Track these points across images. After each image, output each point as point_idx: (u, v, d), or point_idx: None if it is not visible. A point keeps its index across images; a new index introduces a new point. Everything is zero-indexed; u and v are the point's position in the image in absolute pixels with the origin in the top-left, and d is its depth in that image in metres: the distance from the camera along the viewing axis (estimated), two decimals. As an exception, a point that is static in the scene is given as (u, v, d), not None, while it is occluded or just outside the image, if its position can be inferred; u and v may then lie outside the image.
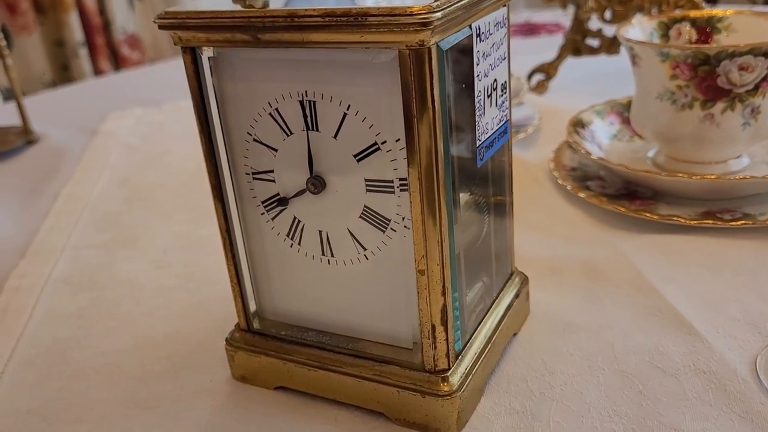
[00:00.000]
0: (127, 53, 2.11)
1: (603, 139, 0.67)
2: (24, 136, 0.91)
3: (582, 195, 0.60)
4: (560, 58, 0.89)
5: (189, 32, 0.36)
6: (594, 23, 0.87)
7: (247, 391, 0.44)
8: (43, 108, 1.06)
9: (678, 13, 0.65)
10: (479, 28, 0.36)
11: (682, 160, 0.61)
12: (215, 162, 0.40)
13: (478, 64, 0.36)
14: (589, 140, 0.66)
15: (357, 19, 0.31)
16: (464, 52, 0.36)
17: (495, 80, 0.39)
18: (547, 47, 0.97)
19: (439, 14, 0.31)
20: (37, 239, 0.66)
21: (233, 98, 0.38)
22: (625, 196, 0.60)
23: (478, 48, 0.36)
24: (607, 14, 0.83)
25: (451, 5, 0.32)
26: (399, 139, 0.35)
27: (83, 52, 2.04)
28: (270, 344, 0.43)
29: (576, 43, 0.88)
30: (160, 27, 0.36)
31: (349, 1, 0.33)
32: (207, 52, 0.37)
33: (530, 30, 1.26)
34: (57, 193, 0.75)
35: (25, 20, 1.99)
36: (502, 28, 0.39)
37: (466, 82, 0.36)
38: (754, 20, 0.62)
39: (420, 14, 0.30)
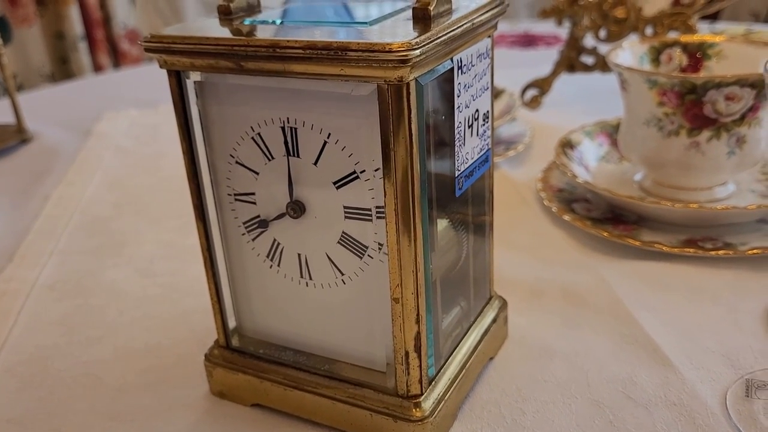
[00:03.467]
0: (127, 48, 2.11)
1: (590, 161, 0.68)
2: (18, 135, 0.91)
3: (567, 217, 0.60)
4: (555, 74, 0.89)
5: (174, 56, 0.36)
6: (589, 40, 0.87)
7: (224, 407, 0.44)
8: (38, 105, 1.06)
9: (669, 38, 0.66)
10: (461, 61, 0.36)
11: (668, 185, 0.61)
12: (198, 182, 0.40)
13: (458, 96, 0.37)
14: (577, 161, 0.67)
15: (337, 53, 0.32)
16: (446, 82, 0.36)
17: (477, 110, 0.39)
18: (544, 60, 0.97)
19: (417, 51, 0.31)
20: (25, 242, 0.66)
21: (217, 121, 0.39)
22: (609, 219, 0.60)
23: (459, 80, 0.37)
24: (602, 33, 0.84)
25: (431, 41, 0.32)
26: (377, 169, 0.35)
27: (83, 46, 2.04)
28: (248, 362, 0.43)
29: (571, 60, 0.89)
30: (146, 50, 0.36)
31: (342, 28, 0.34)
32: (194, 76, 0.38)
33: (528, 41, 1.27)
34: (48, 195, 0.76)
35: (26, 12, 1.99)
36: (485, 59, 0.40)
37: (447, 112, 0.37)
38: (744, 49, 0.62)
39: (399, 51, 0.31)
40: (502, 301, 0.48)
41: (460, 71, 0.37)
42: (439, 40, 0.33)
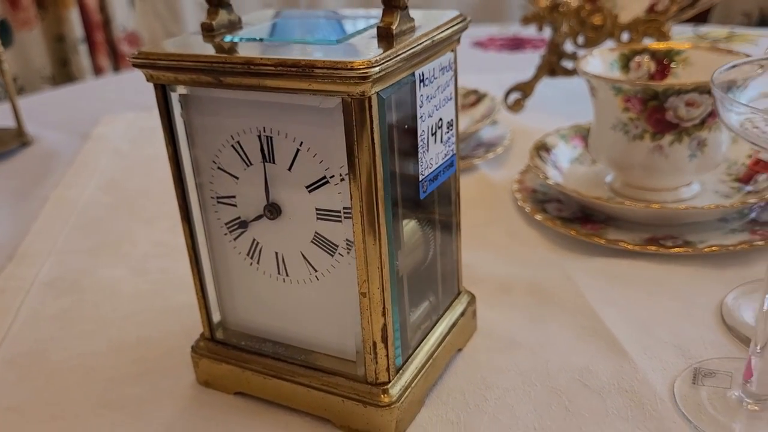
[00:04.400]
0: (127, 50, 2.14)
1: (564, 163, 0.71)
2: (18, 139, 0.95)
3: (539, 217, 0.63)
4: (536, 78, 0.92)
5: (159, 72, 0.39)
6: (570, 46, 0.90)
7: (209, 396, 0.47)
8: (38, 109, 1.10)
9: (639, 45, 0.69)
10: (423, 74, 0.40)
11: (636, 186, 0.64)
12: (183, 186, 0.43)
13: (421, 106, 0.40)
14: (552, 164, 0.70)
15: (305, 70, 0.35)
16: (410, 93, 0.39)
17: (440, 119, 0.43)
18: (532, 63, 1.00)
19: (377, 69, 0.34)
20: (25, 242, 0.69)
21: (200, 130, 0.42)
22: (579, 219, 0.63)
23: (422, 92, 0.40)
24: (580, 39, 0.87)
25: (391, 59, 0.35)
26: (345, 174, 0.38)
27: (83, 49, 2.07)
28: (231, 353, 0.46)
29: (552, 65, 0.92)
30: (134, 65, 0.40)
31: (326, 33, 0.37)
32: (178, 89, 0.41)
33: (517, 44, 1.30)
34: (47, 197, 0.79)
35: (27, 15, 2.02)
36: (448, 71, 0.43)
37: (411, 120, 0.40)
38: (709, 56, 0.65)
39: (360, 69, 0.34)
40: (471, 296, 0.51)
41: (422, 84, 0.40)
42: (398, 57, 0.36)
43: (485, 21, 2.21)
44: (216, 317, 0.47)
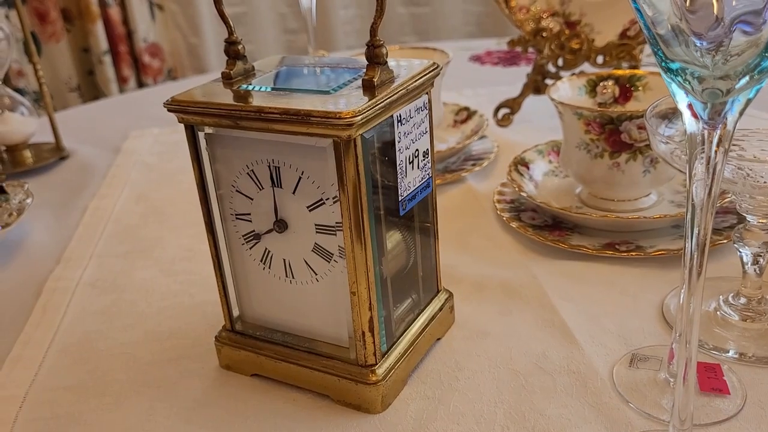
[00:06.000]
0: (148, 61, 2.26)
1: (539, 176, 0.80)
2: (57, 153, 1.05)
3: (513, 225, 0.73)
4: (523, 95, 1.01)
5: (188, 116, 0.49)
6: (552, 67, 0.99)
7: (229, 377, 0.57)
8: (72, 124, 1.20)
9: (605, 71, 0.78)
10: (400, 116, 0.49)
11: (600, 197, 0.74)
12: (208, 205, 0.53)
13: (399, 141, 0.50)
14: (529, 177, 0.79)
15: (303, 118, 0.45)
16: (391, 130, 0.49)
17: (417, 149, 0.52)
18: (523, 78, 1.09)
19: (359, 117, 0.44)
20: (69, 248, 0.80)
21: (221, 160, 0.52)
22: (550, 226, 0.73)
23: (399, 130, 0.49)
24: (560, 62, 0.96)
25: (372, 108, 0.45)
26: (337, 197, 0.48)
27: (107, 59, 2.19)
28: (248, 342, 0.56)
29: (536, 83, 1.01)
30: (168, 110, 0.50)
31: (315, 82, 0.47)
32: (206, 129, 0.51)
33: (512, 59, 1.39)
34: (85, 207, 0.89)
35: (54, 28, 2.14)
36: (423, 110, 0.52)
37: (391, 152, 0.50)
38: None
39: (346, 117, 0.44)
40: (449, 293, 0.61)
41: (399, 123, 0.49)
42: (378, 106, 0.46)
43: (492, 30, 2.30)
44: (235, 312, 0.57)
